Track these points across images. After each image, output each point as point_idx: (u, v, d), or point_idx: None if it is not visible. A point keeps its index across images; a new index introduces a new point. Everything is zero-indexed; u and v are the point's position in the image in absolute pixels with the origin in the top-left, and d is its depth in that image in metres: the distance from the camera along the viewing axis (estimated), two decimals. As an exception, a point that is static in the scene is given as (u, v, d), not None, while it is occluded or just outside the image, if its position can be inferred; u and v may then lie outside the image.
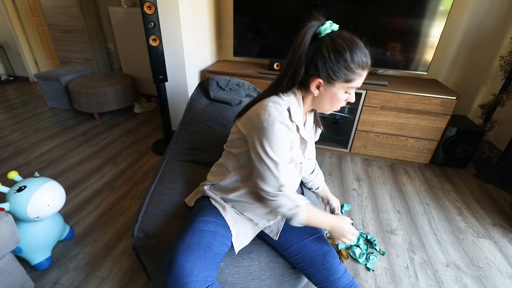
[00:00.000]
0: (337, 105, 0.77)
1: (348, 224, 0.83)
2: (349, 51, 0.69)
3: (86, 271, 1.22)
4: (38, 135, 2.43)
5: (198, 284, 0.67)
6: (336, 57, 0.69)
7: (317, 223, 0.80)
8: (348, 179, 1.96)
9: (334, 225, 0.81)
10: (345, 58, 0.69)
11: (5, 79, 3.97)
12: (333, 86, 0.73)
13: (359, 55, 0.70)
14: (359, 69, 0.71)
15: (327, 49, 0.69)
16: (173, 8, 1.90)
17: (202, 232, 0.77)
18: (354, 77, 0.71)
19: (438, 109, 1.88)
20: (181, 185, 1.15)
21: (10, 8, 3.57)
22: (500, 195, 1.85)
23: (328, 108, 0.79)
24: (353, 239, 0.86)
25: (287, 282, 0.94)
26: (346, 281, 0.82)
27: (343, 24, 0.76)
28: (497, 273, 1.29)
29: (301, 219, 0.76)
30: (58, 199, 1.17)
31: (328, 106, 0.78)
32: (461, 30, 2.09)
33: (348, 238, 0.82)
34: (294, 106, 0.76)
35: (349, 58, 0.69)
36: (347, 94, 0.75)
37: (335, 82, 0.72)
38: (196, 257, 0.70)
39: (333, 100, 0.75)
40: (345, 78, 0.71)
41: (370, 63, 0.73)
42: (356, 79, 0.72)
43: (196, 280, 0.67)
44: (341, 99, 0.75)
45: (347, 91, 0.75)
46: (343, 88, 0.73)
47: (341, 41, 0.69)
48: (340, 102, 0.76)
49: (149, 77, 3.11)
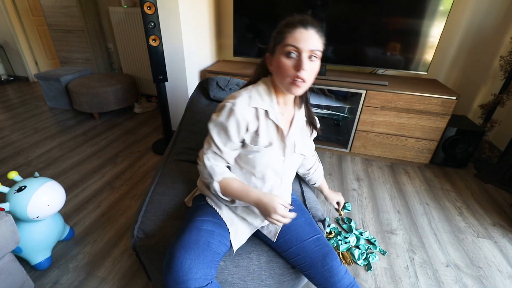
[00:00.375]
0: (283, 73, 0.73)
1: (275, 202, 0.76)
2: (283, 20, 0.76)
3: (86, 271, 1.22)
4: (38, 135, 2.43)
5: (197, 282, 0.68)
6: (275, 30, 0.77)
7: (237, 197, 0.80)
8: (348, 179, 1.96)
9: (258, 202, 0.77)
10: (278, 26, 0.77)
11: (5, 79, 3.97)
12: (275, 55, 0.76)
13: (289, 18, 0.74)
14: (288, 27, 0.72)
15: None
16: (173, 8, 1.90)
17: (200, 231, 0.78)
18: (284, 35, 0.72)
19: (438, 109, 1.88)
20: (181, 185, 1.15)
21: (10, 8, 3.57)
22: (500, 195, 1.85)
23: (280, 80, 0.76)
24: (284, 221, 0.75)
25: (287, 282, 0.94)
26: (347, 282, 0.82)
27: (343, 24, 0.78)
28: (497, 273, 1.29)
29: (215, 189, 0.82)
30: (58, 199, 1.17)
31: (279, 78, 0.76)
32: (461, 30, 2.09)
33: (274, 218, 0.75)
34: (261, 92, 0.81)
35: (281, 23, 0.75)
36: (291, 59, 0.72)
37: (275, 49, 0.76)
38: (195, 255, 0.71)
39: (278, 68, 0.75)
40: (278, 40, 0.75)
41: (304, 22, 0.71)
42: (286, 36, 0.72)
43: (195, 277, 0.68)
44: (284, 64, 0.73)
45: (287, 53, 0.72)
46: (281, 52, 0.73)
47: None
48: (284, 67, 0.73)
49: (149, 77, 3.11)
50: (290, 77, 0.73)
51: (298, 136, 0.89)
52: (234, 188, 0.81)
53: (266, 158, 0.81)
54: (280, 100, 0.83)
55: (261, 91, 0.81)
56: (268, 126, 0.81)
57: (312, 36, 0.71)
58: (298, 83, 0.73)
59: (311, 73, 0.74)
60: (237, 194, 0.80)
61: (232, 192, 0.81)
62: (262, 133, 0.80)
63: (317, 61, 0.75)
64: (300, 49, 0.71)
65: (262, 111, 0.80)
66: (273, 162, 0.83)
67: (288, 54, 0.72)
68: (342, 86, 2.00)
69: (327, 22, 1.97)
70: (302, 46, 0.70)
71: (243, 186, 0.81)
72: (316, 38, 0.72)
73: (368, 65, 2.07)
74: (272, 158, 0.82)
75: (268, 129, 0.81)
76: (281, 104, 0.84)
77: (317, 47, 0.72)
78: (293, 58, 0.72)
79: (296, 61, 0.72)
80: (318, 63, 0.75)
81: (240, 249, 0.92)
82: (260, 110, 0.79)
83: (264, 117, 0.80)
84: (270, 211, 0.75)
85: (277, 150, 0.83)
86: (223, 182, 0.81)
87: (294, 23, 0.72)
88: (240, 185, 0.81)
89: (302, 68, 0.70)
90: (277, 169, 0.85)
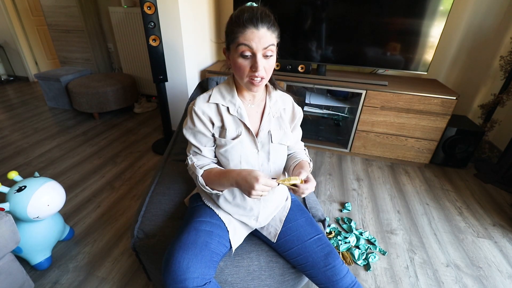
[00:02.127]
0: (240, 73, 0.74)
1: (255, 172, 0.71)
2: (233, 14, 0.73)
3: (86, 271, 1.22)
4: (38, 135, 2.43)
5: (195, 281, 0.68)
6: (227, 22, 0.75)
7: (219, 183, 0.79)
8: (348, 179, 1.96)
9: (238, 179, 0.73)
10: (228, 21, 0.74)
11: (5, 79, 3.97)
12: (230, 53, 0.76)
13: (238, 13, 0.71)
14: (238, 26, 0.70)
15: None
16: (173, 8, 1.90)
17: (198, 231, 0.79)
18: (236, 35, 0.71)
19: (438, 109, 1.88)
20: (181, 185, 1.15)
21: (10, 8, 3.57)
22: (500, 195, 1.85)
23: (239, 79, 0.77)
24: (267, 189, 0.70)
25: (287, 282, 0.94)
26: (349, 281, 0.82)
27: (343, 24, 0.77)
28: (497, 273, 1.29)
29: (200, 183, 0.82)
30: (58, 199, 1.17)
31: (237, 76, 0.77)
32: (461, 30, 2.09)
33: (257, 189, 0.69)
34: (222, 90, 0.84)
35: (232, 19, 0.73)
36: (246, 59, 0.72)
37: (229, 46, 0.75)
38: (193, 254, 0.71)
39: (235, 68, 0.75)
40: (230, 39, 0.73)
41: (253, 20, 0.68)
42: (238, 37, 0.70)
43: (193, 277, 0.68)
44: (239, 64, 0.73)
45: (241, 54, 0.71)
46: (236, 52, 0.72)
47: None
48: (240, 68, 0.73)
49: (149, 77, 3.11)
50: (247, 77, 0.74)
51: (275, 125, 0.87)
52: (214, 173, 0.81)
53: (237, 151, 0.82)
54: (246, 94, 0.85)
55: (222, 88, 0.85)
56: (235, 120, 0.83)
57: (264, 35, 0.70)
58: (256, 82, 0.74)
59: (268, 70, 0.75)
60: (219, 180, 0.79)
61: (214, 179, 0.80)
62: (229, 126, 0.82)
63: (273, 56, 0.74)
64: (254, 49, 0.70)
65: (224, 107, 0.83)
66: (246, 154, 0.83)
67: (242, 54, 0.71)
68: (342, 86, 1.99)
69: (327, 22, 1.97)
70: (255, 46, 0.70)
71: (222, 170, 0.82)
72: (268, 35, 0.70)
73: (368, 65, 2.07)
74: (244, 151, 0.83)
75: (236, 123, 0.83)
76: (248, 97, 0.86)
77: (270, 43, 0.71)
78: (248, 58, 0.72)
79: (252, 61, 0.72)
80: (274, 57, 0.75)
81: (240, 249, 0.92)
82: (221, 106, 0.83)
83: (227, 112, 0.83)
84: (252, 182, 0.69)
85: (247, 143, 0.83)
86: (205, 173, 0.82)
87: (244, 22, 0.69)
88: (219, 170, 0.82)
89: (258, 69, 0.71)
90: (251, 162, 0.84)
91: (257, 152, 0.85)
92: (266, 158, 0.86)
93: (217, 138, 0.83)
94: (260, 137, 0.85)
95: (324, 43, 2.04)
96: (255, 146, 0.84)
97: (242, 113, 0.83)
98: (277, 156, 0.88)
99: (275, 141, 0.86)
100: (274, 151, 0.87)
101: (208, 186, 0.81)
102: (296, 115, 0.92)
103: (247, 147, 0.83)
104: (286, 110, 0.91)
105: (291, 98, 0.94)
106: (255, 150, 0.85)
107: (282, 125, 0.89)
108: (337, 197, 1.77)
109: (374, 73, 2.32)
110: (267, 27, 0.70)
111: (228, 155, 0.83)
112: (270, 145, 0.86)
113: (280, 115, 0.89)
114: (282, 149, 0.89)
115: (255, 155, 0.85)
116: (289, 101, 0.93)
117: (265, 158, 0.86)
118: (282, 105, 0.90)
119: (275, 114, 0.88)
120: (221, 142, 0.83)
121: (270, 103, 0.87)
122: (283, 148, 0.89)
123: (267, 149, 0.86)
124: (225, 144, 0.82)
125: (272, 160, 0.87)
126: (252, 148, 0.84)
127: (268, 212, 0.92)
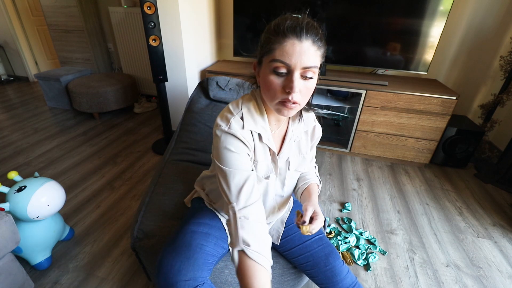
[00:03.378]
0: (271, 93, 0.62)
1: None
2: (273, 21, 0.62)
3: (86, 271, 1.22)
4: (38, 135, 2.43)
5: (187, 284, 0.67)
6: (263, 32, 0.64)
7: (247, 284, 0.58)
8: (348, 179, 1.96)
9: None
10: (266, 29, 0.63)
11: (5, 79, 3.97)
12: (261, 67, 0.64)
13: (280, 19, 0.60)
14: (278, 35, 0.58)
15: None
16: (173, 8, 1.90)
17: (194, 234, 0.77)
18: (273, 46, 0.59)
19: (438, 109, 1.88)
20: (181, 186, 1.15)
21: (10, 8, 3.57)
22: (500, 195, 1.85)
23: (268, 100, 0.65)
24: None
25: (287, 282, 0.94)
26: (349, 282, 0.82)
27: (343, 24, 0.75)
28: (497, 273, 1.29)
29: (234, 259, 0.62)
30: (58, 199, 1.17)
31: (266, 97, 0.64)
32: (461, 30, 2.09)
33: None
34: (252, 112, 0.70)
35: (271, 27, 0.61)
36: (280, 77, 0.60)
37: (262, 59, 0.63)
38: (185, 257, 0.70)
39: (265, 86, 0.62)
40: (265, 50, 0.61)
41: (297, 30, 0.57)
42: (275, 48, 0.58)
43: (185, 279, 0.67)
44: (271, 82, 0.60)
45: (274, 70, 0.60)
46: (268, 66, 0.60)
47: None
48: (271, 87, 0.61)
49: (149, 77, 3.11)
50: (278, 99, 0.62)
51: (294, 151, 0.80)
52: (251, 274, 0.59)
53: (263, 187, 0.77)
54: (271, 118, 0.73)
55: (252, 110, 0.70)
56: (265, 150, 0.74)
57: (308, 50, 0.57)
58: (289, 106, 0.61)
59: (305, 94, 0.62)
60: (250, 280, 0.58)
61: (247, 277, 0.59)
62: (260, 157, 0.72)
63: (313, 79, 0.61)
64: (292, 66, 0.58)
65: (256, 134, 0.70)
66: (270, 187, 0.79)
67: (276, 70, 0.59)
68: (342, 86, 1.99)
69: (327, 22, 1.97)
70: (293, 62, 0.57)
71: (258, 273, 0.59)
72: (312, 51, 0.58)
73: (368, 65, 2.07)
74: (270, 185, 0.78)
75: (265, 153, 0.74)
76: (274, 121, 0.74)
77: (313, 63, 0.59)
78: (283, 75, 0.60)
79: (286, 80, 0.59)
80: (314, 80, 0.62)
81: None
82: (254, 133, 0.70)
83: (258, 140, 0.71)
84: None
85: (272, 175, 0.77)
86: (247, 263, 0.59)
87: (285, 30, 0.58)
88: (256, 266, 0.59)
89: (293, 90, 0.58)
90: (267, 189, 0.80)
91: (276, 179, 0.80)
92: (281, 184, 0.83)
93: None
94: (278, 165, 0.78)
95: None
96: (275, 173, 0.78)
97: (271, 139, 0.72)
98: (292, 182, 0.85)
99: (292, 168, 0.80)
100: (289, 178, 0.83)
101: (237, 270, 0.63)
102: (315, 135, 0.83)
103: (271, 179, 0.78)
104: (308, 132, 0.82)
105: (313, 116, 0.83)
106: (274, 177, 0.79)
107: (302, 149, 0.81)
108: (337, 197, 1.77)
109: (374, 73, 2.32)
110: (313, 41, 0.58)
111: None
112: (287, 172, 0.80)
113: (301, 139, 0.80)
114: (296, 175, 0.85)
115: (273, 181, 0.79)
116: (312, 121, 0.82)
117: (280, 184, 0.83)
118: (304, 127, 0.79)
119: (296, 139, 0.78)
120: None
121: (292, 127, 0.77)
122: (297, 174, 0.85)
123: (284, 176, 0.81)
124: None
125: (287, 185, 0.84)
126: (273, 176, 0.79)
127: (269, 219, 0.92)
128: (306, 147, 0.82)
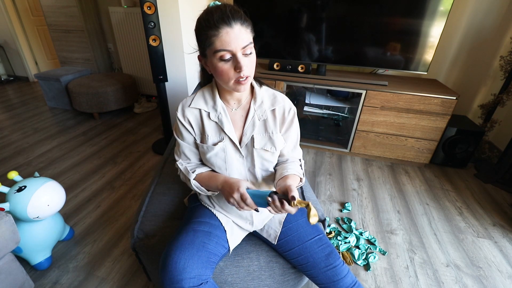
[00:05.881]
0: (224, 77, 0.70)
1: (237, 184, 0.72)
2: (200, 17, 0.69)
3: (86, 271, 1.22)
4: (38, 135, 2.43)
5: (192, 281, 0.68)
6: (195, 28, 0.72)
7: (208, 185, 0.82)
8: (348, 179, 1.96)
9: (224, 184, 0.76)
10: (197, 26, 0.71)
11: (5, 79, 3.97)
12: (207, 58, 0.72)
13: (207, 14, 0.67)
14: (211, 29, 0.65)
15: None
16: (173, 8, 1.90)
17: (196, 232, 0.79)
18: (211, 39, 0.66)
19: (438, 109, 1.88)
20: (181, 185, 1.15)
21: (10, 8, 3.57)
22: (500, 195, 1.85)
23: (223, 84, 0.74)
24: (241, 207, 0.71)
25: (287, 282, 0.94)
26: (349, 282, 0.82)
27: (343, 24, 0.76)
28: (497, 273, 1.29)
29: (195, 186, 0.83)
30: (58, 199, 1.17)
31: (222, 82, 0.73)
32: (461, 30, 2.09)
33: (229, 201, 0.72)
34: (205, 94, 0.83)
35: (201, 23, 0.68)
36: (227, 62, 0.68)
37: (205, 52, 0.71)
38: (189, 255, 0.72)
39: (217, 73, 0.71)
40: (205, 44, 0.69)
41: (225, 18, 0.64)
42: (214, 40, 0.66)
43: (189, 277, 0.68)
44: (221, 69, 0.69)
45: (220, 58, 0.68)
46: (214, 56, 0.68)
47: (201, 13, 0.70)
48: (223, 72, 0.69)
49: (149, 77, 3.11)
50: (232, 79, 0.71)
51: (259, 129, 0.83)
52: (205, 176, 0.83)
53: (221, 157, 0.82)
54: (229, 98, 0.82)
55: (205, 92, 0.84)
56: (217, 127, 0.82)
57: (240, 32, 0.66)
58: (242, 82, 0.71)
59: (251, 67, 0.72)
60: (208, 182, 0.81)
61: (205, 181, 0.82)
62: (210, 132, 0.82)
63: (252, 53, 0.71)
64: (233, 50, 0.66)
65: (205, 113, 0.82)
66: (231, 161, 0.83)
67: (222, 58, 0.68)
68: (342, 86, 1.99)
69: (327, 22, 1.97)
70: (233, 47, 0.66)
71: (213, 173, 0.83)
72: (243, 32, 0.67)
73: (368, 65, 2.07)
74: (229, 157, 0.82)
75: (217, 129, 0.82)
76: (233, 101, 0.83)
77: (248, 41, 0.68)
78: (229, 60, 0.68)
79: (233, 62, 0.68)
80: (254, 53, 0.72)
81: (240, 249, 0.92)
82: (203, 111, 0.82)
83: (207, 118, 0.82)
84: (233, 189, 0.72)
85: (231, 149, 0.82)
86: (198, 177, 0.84)
87: (216, 22, 0.65)
88: (210, 173, 0.84)
89: (242, 69, 0.68)
90: (238, 168, 0.84)
91: (243, 158, 0.83)
92: (251, 164, 0.84)
93: (199, 144, 0.83)
94: (244, 142, 0.82)
95: (324, 43, 2.04)
96: (239, 152, 0.83)
97: (223, 119, 0.81)
98: (263, 162, 0.84)
99: (258, 146, 0.82)
100: (258, 157, 0.83)
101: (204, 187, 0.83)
102: (286, 115, 0.84)
103: (231, 154, 0.82)
104: (276, 111, 0.84)
105: (284, 97, 0.86)
106: (239, 156, 0.83)
107: (268, 128, 0.83)
108: (337, 197, 1.77)
109: (374, 73, 2.32)
110: (241, 23, 0.66)
111: (213, 162, 0.83)
112: (254, 150, 0.82)
113: (267, 118, 0.83)
114: (267, 156, 0.84)
115: (240, 161, 0.83)
116: (281, 101, 0.84)
117: (250, 164, 0.84)
118: (270, 106, 0.83)
119: (260, 117, 0.83)
120: (203, 148, 0.83)
121: (254, 106, 0.83)
122: (268, 154, 0.84)
123: (251, 152, 0.83)
124: (207, 150, 0.82)
125: (258, 166, 0.84)
126: (236, 155, 0.83)
127: (264, 216, 0.92)
128: (274, 127, 0.84)
